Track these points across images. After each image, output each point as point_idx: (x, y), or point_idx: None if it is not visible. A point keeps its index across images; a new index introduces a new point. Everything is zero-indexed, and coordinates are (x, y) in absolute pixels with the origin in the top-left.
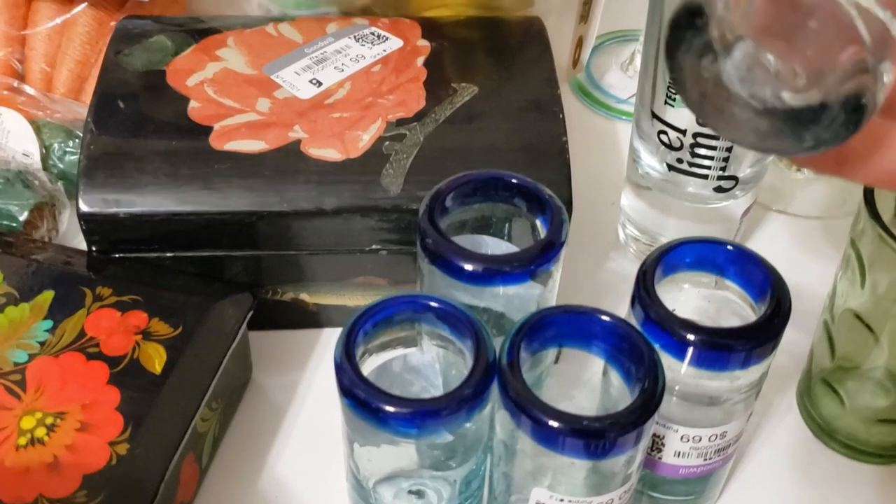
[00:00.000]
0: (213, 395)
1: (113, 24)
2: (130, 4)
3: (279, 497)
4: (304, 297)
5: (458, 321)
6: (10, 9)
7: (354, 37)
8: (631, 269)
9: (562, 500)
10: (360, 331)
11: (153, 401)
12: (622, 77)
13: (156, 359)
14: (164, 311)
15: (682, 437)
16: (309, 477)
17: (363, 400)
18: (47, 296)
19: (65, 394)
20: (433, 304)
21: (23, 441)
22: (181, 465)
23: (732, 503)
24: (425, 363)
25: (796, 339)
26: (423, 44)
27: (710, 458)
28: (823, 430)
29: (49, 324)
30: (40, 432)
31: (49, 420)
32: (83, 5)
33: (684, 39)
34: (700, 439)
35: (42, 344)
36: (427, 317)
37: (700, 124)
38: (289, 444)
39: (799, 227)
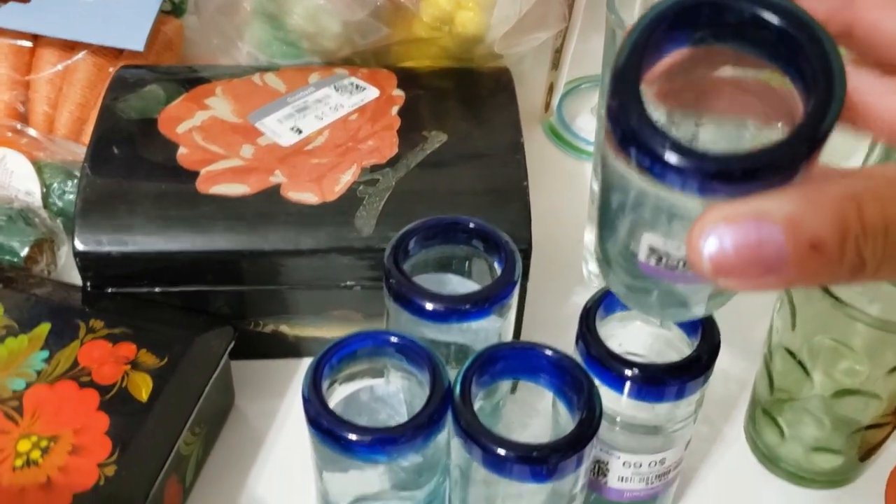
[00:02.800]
0: (195, 420)
1: (112, 69)
2: (128, 52)
3: None
4: (285, 328)
5: (417, 355)
6: (15, 55)
7: (334, 87)
8: None
9: None
10: (326, 365)
11: (139, 426)
12: (592, 120)
13: (143, 387)
14: (151, 343)
15: (623, 463)
16: (287, 498)
17: (328, 429)
18: (44, 328)
19: (58, 419)
20: (393, 339)
21: (19, 463)
22: (165, 486)
23: None
24: (390, 393)
25: (743, 368)
26: (398, 93)
27: (652, 483)
28: (767, 458)
29: (45, 354)
30: (35, 454)
31: (43, 443)
32: (84, 52)
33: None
34: (641, 465)
35: (38, 373)
36: (388, 351)
37: None
38: (268, 467)
39: None
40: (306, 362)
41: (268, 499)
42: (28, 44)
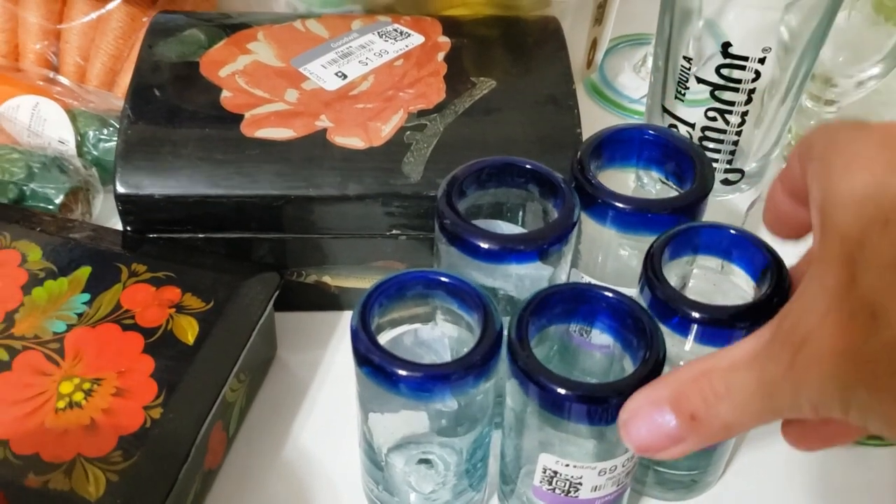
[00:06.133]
0: (241, 366)
1: (145, 19)
2: (163, 1)
3: (302, 465)
4: (327, 279)
5: (467, 295)
6: (46, 3)
7: (378, 33)
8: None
9: (567, 465)
10: (375, 302)
11: (186, 369)
12: (634, 78)
13: (189, 330)
14: (196, 287)
15: None
16: (332, 447)
17: (377, 365)
18: (84, 271)
19: (101, 361)
20: (443, 279)
21: (61, 404)
22: (211, 432)
23: (736, 480)
24: (435, 338)
25: None
26: (444, 40)
27: None
28: None
29: (87, 297)
30: (78, 396)
31: (86, 385)
32: (117, 1)
33: None
34: None
35: (80, 315)
36: (437, 292)
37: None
38: (311, 417)
39: None
40: (347, 314)
41: (313, 448)
42: None
